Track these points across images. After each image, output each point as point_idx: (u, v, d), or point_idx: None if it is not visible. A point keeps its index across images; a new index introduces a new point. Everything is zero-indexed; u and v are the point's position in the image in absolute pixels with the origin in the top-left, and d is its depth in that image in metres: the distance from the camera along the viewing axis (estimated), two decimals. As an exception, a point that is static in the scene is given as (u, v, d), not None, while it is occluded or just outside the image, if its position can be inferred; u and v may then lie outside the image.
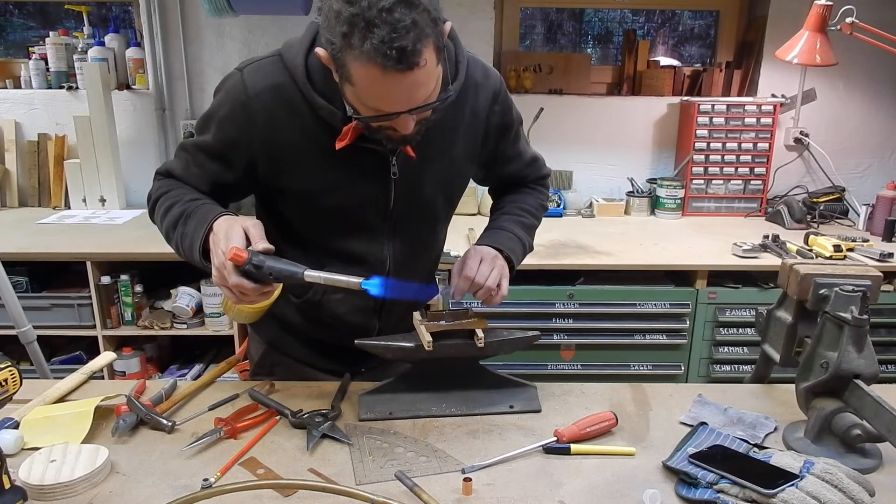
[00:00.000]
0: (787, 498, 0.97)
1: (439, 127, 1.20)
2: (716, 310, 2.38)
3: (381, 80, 0.97)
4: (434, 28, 0.99)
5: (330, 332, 1.39)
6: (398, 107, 1.02)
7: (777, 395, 1.38)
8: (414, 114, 1.04)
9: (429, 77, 1.01)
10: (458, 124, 1.26)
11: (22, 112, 2.98)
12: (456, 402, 1.30)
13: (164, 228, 1.24)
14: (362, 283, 1.04)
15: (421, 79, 0.99)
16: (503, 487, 1.06)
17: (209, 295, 2.35)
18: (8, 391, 1.10)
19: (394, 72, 0.95)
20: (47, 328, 2.31)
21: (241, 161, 1.21)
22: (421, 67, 0.97)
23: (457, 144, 1.27)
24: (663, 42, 3.48)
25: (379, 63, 0.95)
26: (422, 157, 1.20)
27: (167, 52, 2.93)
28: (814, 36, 2.21)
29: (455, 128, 1.26)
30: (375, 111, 1.04)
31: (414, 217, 1.30)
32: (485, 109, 1.28)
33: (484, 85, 1.27)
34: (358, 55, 0.96)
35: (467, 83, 1.23)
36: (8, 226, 2.67)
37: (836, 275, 1.23)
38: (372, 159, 1.20)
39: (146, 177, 3.01)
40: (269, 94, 1.16)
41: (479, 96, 1.26)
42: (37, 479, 1.04)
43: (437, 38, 1.00)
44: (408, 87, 0.99)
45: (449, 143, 1.26)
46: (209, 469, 1.09)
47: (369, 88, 1.00)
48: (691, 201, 2.95)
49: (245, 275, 1.02)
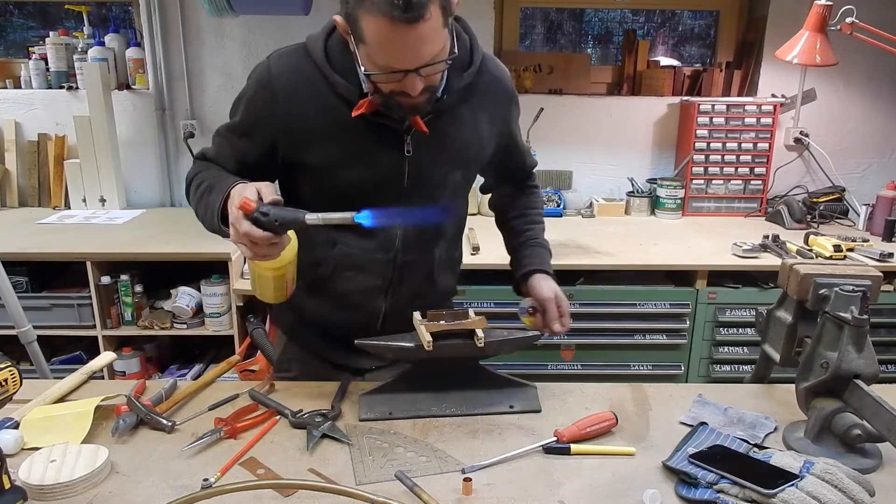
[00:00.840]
0: (787, 498, 0.97)
1: (454, 110, 1.27)
2: (716, 310, 2.38)
3: (389, 32, 1.03)
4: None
5: (339, 315, 1.40)
6: (405, 61, 1.07)
7: (777, 395, 1.38)
8: (421, 74, 1.09)
9: (434, 34, 1.06)
10: (474, 111, 1.31)
11: (22, 112, 2.98)
12: (456, 402, 1.30)
13: (194, 205, 1.29)
14: (355, 216, 1.07)
15: (426, 33, 1.04)
16: (503, 487, 1.06)
17: (209, 295, 2.35)
18: (8, 391, 1.10)
19: (401, 23, 1.01)
20: (47, 328, 2.31)
21: (265, 138, 1.27)
22: (426, 21, 1.02)
23: (472, 130, 1.32)
24: (663, 42, 3.48)
25: (387, 13, 1.01)
26: (437, 137, 1.26)
27: (167, 52, 2.93)
28: (814, 36, 2.21)
29: (471, 114, 1.31)
30: (386, 69, 1.09)
31: (426, 195, 1.33)
32: (504, 103, 1.37)
33: (500, 78, 1.36)
34: (369, 7, 1.03)
35: (484, 74, 1.31)
36: (8, 226, 2.67)
37: (836, 275, 1.23)
38: (387, 136, 1.25)
39: (146, 177, 3.04)
40: (291, 74, 1.24)
41: (497, 91, 1.35)
42: (37, 479, 1.04)
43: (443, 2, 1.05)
44: (414, 40, 1.04)
45: (463, 128, 1.31)
46: (209, 469, 1.09)
47: (379, 43, 1.06)
48: (691, 201, 2.95)
49: (254, 223, 1.05)
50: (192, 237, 2.50)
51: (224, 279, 2.34)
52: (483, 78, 1.31)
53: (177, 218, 2.81)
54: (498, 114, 1.36)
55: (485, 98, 1.32)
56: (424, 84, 1.12)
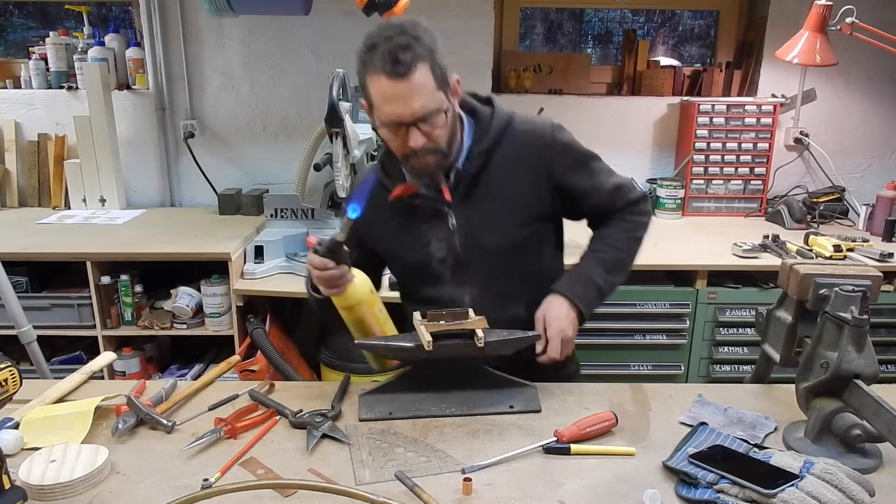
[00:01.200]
0: (787, 498, 0.97)
1: (487, 176, 1.41)
2: (716, 310, 2.38)
3: (385, 86, 1.24)
4: (430, 56, 1.25)
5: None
6: (400, 112, 1.25)
7: (777, 395, 1.38)
8: (420, 128, 1.27)
9: (424, 88, 1.24)
10: (509, 172, 1.41)
11: (22, 112, 2.98)
12: (456, 402, 1.30)
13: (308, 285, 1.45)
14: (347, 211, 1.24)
15: (416, 87, 1.23)
16: (503, 487, 1.06)
17: (209, 295, 2.35)
18: (8, 391, 1.10)
19: (393, 77, 1.22)
20: (47, 328, 2.31)
21: (358, 236, 1.46)
22: (413, 75, 1.22)
23: (512, 190, 1.41)
24: (663, 42, 3.48)
25: (381, 69, 1.22)
26: (475, 206, 1.41)
27: (167, 52, 2.93)
28: (814, 36, 2.21)
29: (506, 176, 1.41)
30: (389, 125, 1.28)
31: (482, 264, 1.43)
32: (541, 159, 1.42)
33: (533, 133, 1.43)
34: (370, 69, 1.25)
35: (513, 136, 1.41)
36: (8, 226, 2.66)
37: (836, 275, 1.23)
38: (433, 217, 1.42)
39: (146, 177, 3.05)
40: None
41: (532, 146, 1.42)
42: (37, 479, 1.04)
43: (433, 64, 1.25)
44: (405, 92, 1.23)
45: (500, 191, 1.42)
46: (209, 469, 1.10)
47: (379, 97, 1.26)
48: (691, 201, 2.95)
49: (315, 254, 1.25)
50: (191, 237, 2.50)
51: (224, 279, 2.34)
52: (513, 140, 1.41)
53: (177, 218, 2.81)
54: (538, 167, 1.42)
55: (518, 157, 1.41)
56: (426, 140, 1.28)
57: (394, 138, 1.30)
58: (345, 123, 2.08)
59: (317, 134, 2.69)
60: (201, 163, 2.98)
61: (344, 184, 2.19)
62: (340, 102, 2.09)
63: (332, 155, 2.17)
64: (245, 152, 3.06)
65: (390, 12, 2.09)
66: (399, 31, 1.23)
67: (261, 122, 3.03)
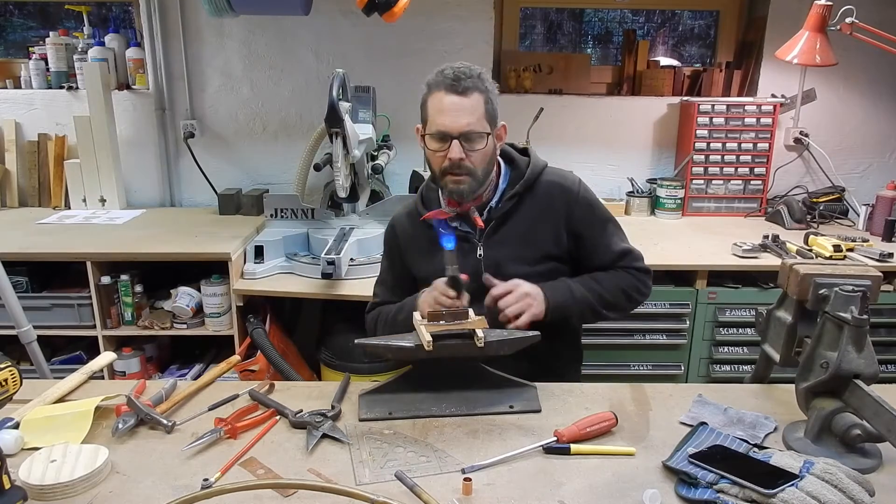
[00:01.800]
0: (787, 498, 0.97)
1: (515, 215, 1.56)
2: (716, 310, 2.38)
3: (442, 98, 1.44)
4: (486, 93, 1.46)
5: None
6: (449, 122, 1.43)
7: (777, 395, 1.38)
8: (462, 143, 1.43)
9: (473, 110, 1.44)
10: (535, 214, 1.56)
11: (22, 112, 2.98)
12: (456, 402, 1.30)
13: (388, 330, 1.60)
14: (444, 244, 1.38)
15: (467, 106, 1.43)
16: (503, 487, 1.06)
17: (209, 295, 2.35)
18: (8, 391, 1.10)
19: (450, 93, 1.43)
20: (47, 328, 2.31)
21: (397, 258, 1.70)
22: (468, 97, 1.43)
23: (535, 230, 1.56)
24: (663, 42, 3.48)
25: (442, 85, 1.44)
26: (503, 238, 1.55)
27: (167, 52, 2.93)
28: (814, 36, 2.21)
29: (532, 217, 1.56)
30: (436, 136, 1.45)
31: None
32: (565, 208, 1.56)
33: (560, 184, 1.58)
34: (433, 88, 1.46)
35: (543, 183, 1.58)
36: (8, 226, 2.66)
37: (836, 275, 1.23)
38: (464, 247, 1.54)
39: (146, 177, 3.05)
40: (404, 217, 1.69)
41: (558, 196, 1.57)
42: (37, 479, 1.04)
43: (486, 99, 1.46)
44: (457, 107, 1.43)
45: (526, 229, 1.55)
46: (209, 469, 1.10)
47: (434, 109, 1.45)
48: (691, 201, 2.95)
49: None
50: (191, 237, 2.50)
51: (224, 279, 2.34)
52: (543, 187, 1.57)
53: (177, 218, 2.81)
54: (558, 212, 1.56)
55: (545, 203, 1.56)
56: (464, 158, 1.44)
57: (437, 150, 1.47)
58: (345, 123, 2.08)
59: (317, 134, 2.69)
60: (201, 163, 2.98)
61: (344, 184, 2.19)
62: (340, 102, 2.09)
63: (332, 155, 2.16)
64: (245, 152, 3.06)
65: (390, 12, 2.09)
66: (465, 67, 1.45)
67: (261, 122, 3.03)
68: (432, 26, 2.90)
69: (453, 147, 1.43)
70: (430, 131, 1.47)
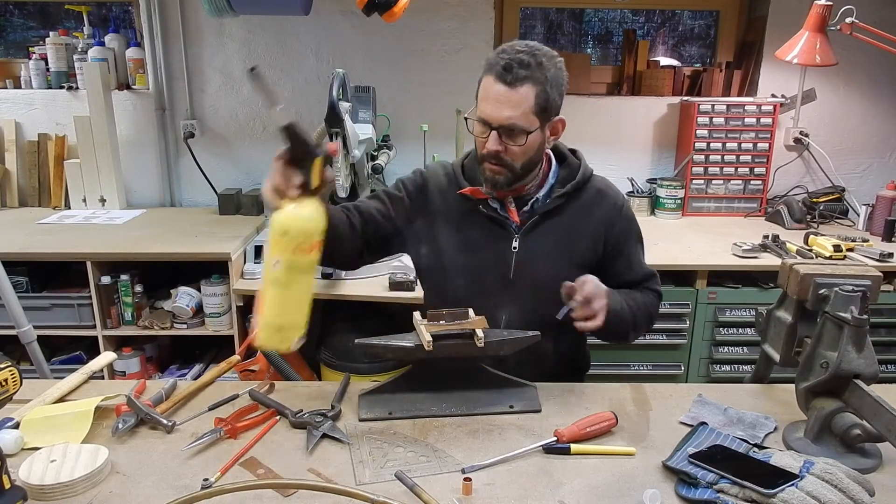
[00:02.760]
0: (787, 498, 0.97)
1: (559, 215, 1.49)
2: (716, 310, 2.38)
3: (490, 85, 1.34)
4: (543, 84, 1.34)
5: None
6: (490, 112, 1.34)
7: (777, 395, 1.38)
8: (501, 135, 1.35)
9: (521, 103, 1.33)
10: (579, 218, 1.50)
11: (22, 112, 2.98)
12: (456, 402, 1.30)
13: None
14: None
15: (514, 98, 1.32)
16: (503, 487, 1.06)
17: (209, 295, 2.35)
18: (8, 391, 1.10)
19: (499, 80, 1.32)
20: (47, 328, 2.31)
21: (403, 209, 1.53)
22: (518, 88, 1.32)
23: (578, 238, 1.50)
24: (663, 42, 3.48)
25: (493, 70, 1.33)
26: (542, 237, 1.48)
27: (167, 52, 2.93)
28: (814, 36, 2.21)
29: (575, 220, 1.50)
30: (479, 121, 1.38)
31: (531, 291, 1.47)
32: (608, 217, 1.52)
33: (607, 194, 1.54)
34: (487, 70, 1.36)
35: (591, 189, 1.53)
36: (8, 226, 2.66)
37: (836, 275, 1.23)
38: (499, 233, 1.49)
39: (146, 177, 3.05)
40: (440, 174, 1.56)
41: (602, 204, 1.53)
42: (37, 479, 1.04)
43: (541, 92, 1.34)
44: (503, 97, 1.33)
45: (567, 231, 1.49)
46: (209, 469, 1.10)
47: (482, 93, 1.37)
48: (691, 201, 2.95)
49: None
50: (191, 237, 2.50)
51: (224, 279, 2.34)
52: (589, 192, 1.52)
53: (177, 218, 2.81)
54: (601, 218, 1.51)
55: (590, 207, 1.51)
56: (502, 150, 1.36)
57: (478, 135, 1.40)
58: (345, 123, 2.08)
59: (317, 134, 2.68)
60: (201, 163, 2.98)
61: (344, 184, 2.19)
62: (340, 102, 2.09)
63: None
64: (245, 152, 3.06)
65: (390, 12, 2.09)
66: (527, 52, 1.33)
67: (261, 122, 3.03)
68: (432, 26, 2.90)
69: (491, 138, 1.37)
70: (476, 116, 1.39)
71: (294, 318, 1.14)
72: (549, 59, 1.35)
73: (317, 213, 1.14)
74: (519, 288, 1.48)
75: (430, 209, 1.53)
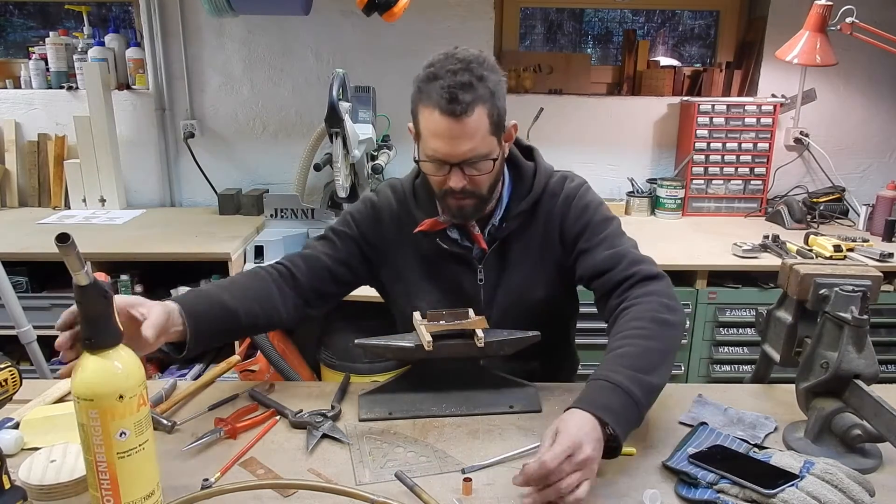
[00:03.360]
0: (787, 498, 0.97)
1: (521, 235, 1.37)
2: (716, 310, 2.38)
3: (437, 121, 1.20)
4: (491, 100, 1.20)
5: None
6: (448, 151, 1.22)
7: (777, 395, 1.38)
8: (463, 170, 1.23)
9: (476, 132, 1.20)
10: (541, 232, 1.38)
11: (22, 112, 2.98)
12: (456, 402, 1.30)
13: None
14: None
15: (468, 129, 1.19)
16: (503, 487, 1.06)
17: (209, 295, 2.35)
18: (8, 391, 1.10)
19: (447, 115, 1.18)
20: (47, 328, 2.29)
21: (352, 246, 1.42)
22: (468, 117, 1.18)
23: (543, 254, 1.38)
24: (663, 42, 3.48)
25: (437, 104, 1.18)
26: (507, 263, 1.38)
27: (167, 52, 2.93)
28: (814, 36, 2.21)
29: (539, 236, 1.38)
30: (432, 161, 1.25)
31: (505, 320, 1.36)
32: (558, 214, 1.37)
33: (558, 193, 1.38)
34: (425, 100, 1.21)
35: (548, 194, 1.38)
36: (8, 226, 2.66)
37: (836, 275, 1.23)
38: (461, 265, 1.39)
39: (146, 177, 3.05)
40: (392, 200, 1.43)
41: (557, 200, 1.37)
42: (37, 479, 1.04)
43: (492, 109, 1.21)
44: (457, 132, 1.19)
45: (532, 251, 1.38)
46: (209, 469, 1.09)
47: (429, 132, 1.23)
48: (691, 201, 2.95)
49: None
50: (191, 237, 2.50)
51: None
52: (548, 199, 1.37)
53: (177, 218, 2.81)
54: (559, 222, 1.37)
55: (549, 215, 1.37)
56: (467, 183, 1.25)
57: (434, 173, 1.28)
58: (345, 123, 2.09)
59: (317, 134, 2.69)
60: (201, 163, 2.98)
61: (344, 184, 2.19)
62: (340, 102, 2.09)
63: (332, 155, 2.17)
64: (245, 152, 3.06)
65: (390, 12, 2.09)
66: (464, 67, 1.18)
67: (261, 122, 3.03)
68: (432, 26, 2.90)
69: (454, 176, 1.24)
70: (426, 153, 1.25)
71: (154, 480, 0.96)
72: (484, 67, 1.21)
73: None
74: (491, 319, 1.34)
75: (386, 240, 1.41)
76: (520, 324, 1.32)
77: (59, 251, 0.88)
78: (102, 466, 0.89)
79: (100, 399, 0.87)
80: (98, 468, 0.89)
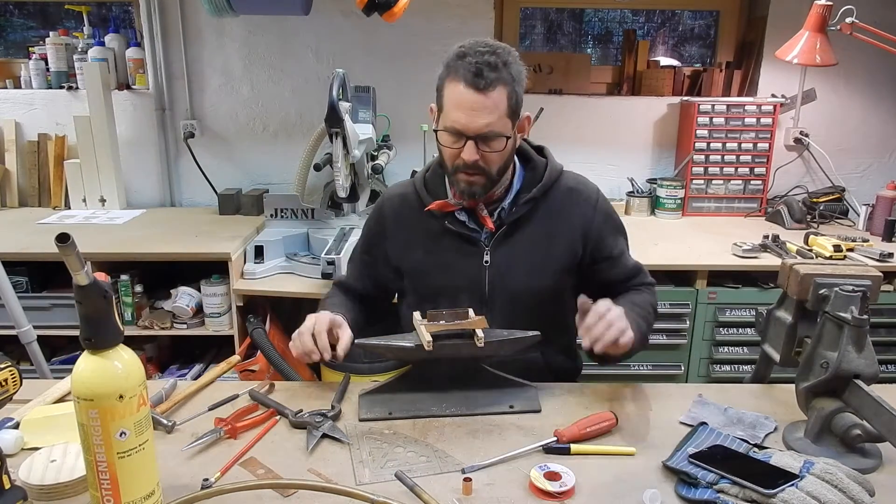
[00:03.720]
0: (787, 498, 0.97)
1: (529, 222, 1.44)
2: (716, 310, 2.38)
3: (461, 93, 1.29)
4: (512, 84, 1.31)
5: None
6: (466, 121, 1.30)
7: (777, 395, 1.38)
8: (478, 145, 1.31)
9: (494, 108, 1.29)
10: (551, 221, 1.45)
11: (22, 112, 2.98)
12: (456, 402, 1.30)
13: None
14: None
15: (488, 104, 1.28)
16: (503, 487, 1.06)
17: (209, 295, 2.35)
18: (8, 391, 1.10)
19: (471, 87, 1.27)
20: (47, 328, 2.31)
21: (380, 250, 1.54)
22: (490, 93, 1.28)
23: (552, 244, 1.45)
24: (663, 42, 3.48)
25: (462, 77, 1.28)
26: (514, 247, 1.44)
27: (167, 52, 2.93)
28: (814, 36, 2.21)
29: (547, 225, 1.45)
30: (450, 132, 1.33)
31: (506, 305, 1.44)
32: (584, 216, 1.46)
33: (579, 192, 1.48)
34: (452, 74, 1.30)
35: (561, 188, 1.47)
36: (8, 226, 2.66)
37: (836, 275, 1.23)
38: (469, 248, 1.45)
39: (146, 177, 3.05)
40: (397, 199, 1.54)
41: (575, 202, 1.47)
42: (37, 479, 1.04)
43: (511, 92, 1.31)
44: (477, 105, 1.28)
45: (541, 242, 1.45)
46: (209, 469, 1.10)
47: (451, 102, 1.31)
48: (691, 201, 2.95)
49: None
50: (191, 237, 2.50)
51: (224, 279, 2.34)
52: (560, 194, 1.46)
53: (177, 218, 2.81)
54: (576, 218, 1.46)
55: (561, 211, 1.45)
56: (479, 158, 1.32)
57: (450, 146, 1.35)
58: (345, 123, 2.08)
59: (317, 134, 2.69)
60: (201, 163, 2.98)
61: (344, 184, 2.19)
62: (340, 102, 2.09)
63: (332, 155, 2.16)
64: (245, 152, 3.06)
65: (390, 12, 2.09)
66: (492, 51, 1.29)
67: (261, 122, 3.03)
68: (432, 26, 2.90)
69: (468, 148, 1.31)
70: (445, 124, 1.33)
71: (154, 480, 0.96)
72: (510, 56, 1.32)
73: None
74: (496, 303, 1.44)
75: (392, 237, 1.52)
76: (523, 310, 1.37)
77: (59, 251, 0.88)
78: (102, 466, 0.90)
79: (100, 399, 0.88)
80: (98, 468, 0.90)
